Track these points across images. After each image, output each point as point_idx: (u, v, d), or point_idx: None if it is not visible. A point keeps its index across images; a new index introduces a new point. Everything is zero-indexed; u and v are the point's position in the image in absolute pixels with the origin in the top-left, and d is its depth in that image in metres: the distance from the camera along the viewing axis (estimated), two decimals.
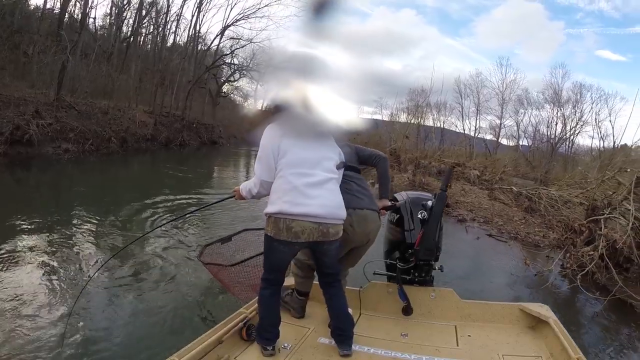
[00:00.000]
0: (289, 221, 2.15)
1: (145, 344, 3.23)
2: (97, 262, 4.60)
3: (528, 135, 33.94)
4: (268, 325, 2.25)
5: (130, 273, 4.55)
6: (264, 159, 2.29)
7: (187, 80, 26.73)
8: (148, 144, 18.99)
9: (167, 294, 4.13)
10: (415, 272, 3.01)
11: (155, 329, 3.48)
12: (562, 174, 13.65)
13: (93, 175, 12.32)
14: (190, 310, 3.84)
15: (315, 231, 2.18)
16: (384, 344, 2.40)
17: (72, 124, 14.46)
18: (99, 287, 4.03)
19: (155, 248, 5.29)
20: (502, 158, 21.63)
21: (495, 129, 35.36)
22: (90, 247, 5.22)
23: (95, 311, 3.61)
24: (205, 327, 2.58)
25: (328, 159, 2.34)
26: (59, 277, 4.24)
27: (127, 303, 3.84)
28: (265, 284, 2.33)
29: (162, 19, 27.16)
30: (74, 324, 3.34)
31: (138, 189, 9.88)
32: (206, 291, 4.32)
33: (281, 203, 2.17)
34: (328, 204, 2.22)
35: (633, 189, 5.84)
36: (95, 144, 15.00)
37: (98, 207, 7.43)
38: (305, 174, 2.21)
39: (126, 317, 3.59)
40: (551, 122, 32.11)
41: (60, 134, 13.72)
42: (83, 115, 15.54)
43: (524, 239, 8.01)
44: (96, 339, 3.20)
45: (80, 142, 14.27)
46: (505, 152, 31.07)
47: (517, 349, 2.34)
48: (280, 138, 2.26)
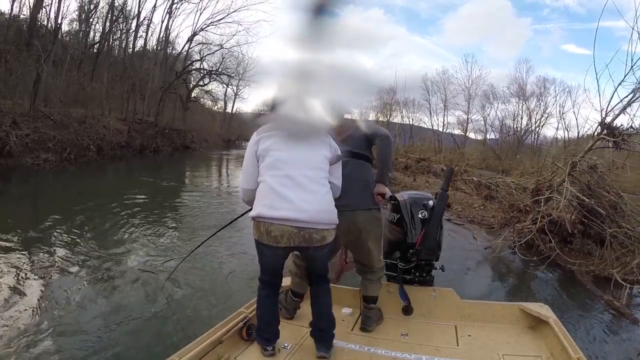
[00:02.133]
0: (268, 225, 2.06)
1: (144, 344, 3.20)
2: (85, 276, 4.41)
3: (495, 128, 35.52)
4: (265, 325, 2.19)
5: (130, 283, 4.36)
6: (245, 166, 2.26)
7: (159, 87, 26.12)
8: (123, 151, 18.77)
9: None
10: (416, 272, 2.98)
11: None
12: (528, 164, 14.98)
13: (81, 184, 11.88)
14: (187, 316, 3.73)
15: (296, 236, 2.07)
16: (384, 344, 2.38)
17: (50, 133, 14.25)
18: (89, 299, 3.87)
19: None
20: (469, 152, 22.96)
21: (462, 124, 36.92)
22: (79, 262, 4.91)
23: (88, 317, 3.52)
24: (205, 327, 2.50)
25: (316, 157, 2.21)
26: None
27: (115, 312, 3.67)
28: (261, 284, 2.26)
29: (131, 24, 26.17)
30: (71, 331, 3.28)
31: (127, 197, 9.58)
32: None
33: (260, 207, 2.09)
34: (309, 207, 2.08)
35: (569, 172, 6.70)
36: (74, 153, 14.80)
37: (97, 217, 7.27)
38: (285, 176, 2.10)
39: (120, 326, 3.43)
40: (517, 115, 33.81)
41: (38, 144, 13.50)
42: (59, 124, 15.31)
43: (480, 222, 8.86)
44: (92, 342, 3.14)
45: (59, 151, 14.09)
46: (473, 146, 32.07)
47: (517, 349, 2.32)
48: (256, 144, 2.20)
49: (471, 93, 34.62)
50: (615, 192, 6.61)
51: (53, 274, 4.52)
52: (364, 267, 2.72)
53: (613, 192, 6.56)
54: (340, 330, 2.36)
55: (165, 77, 27.78)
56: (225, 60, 31.87)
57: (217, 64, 31.94)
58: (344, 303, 2.89)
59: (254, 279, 3.55)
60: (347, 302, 2.92)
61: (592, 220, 6.45)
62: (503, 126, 33.54)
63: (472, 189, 10.76)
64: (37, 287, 4.12)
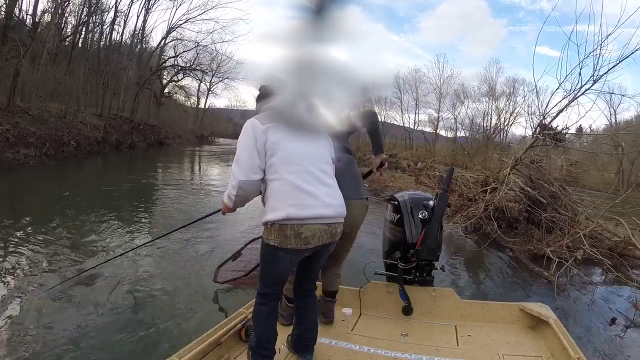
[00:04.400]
0: (297, 227, 1.85)
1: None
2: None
3: (465, 127, 37.00)
4: (265, 342, 1.98)
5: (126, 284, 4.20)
6: (244, 154, 1.94)
7: (136, 82, 25.73)
8: (100, 146, 18.49)
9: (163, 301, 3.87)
10: (416, 272, 2.92)
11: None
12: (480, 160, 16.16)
13: (64, 179, 11.81)
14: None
15: (325, 233, 1.92)
16: (384, 344, 2.35)
17: (29, 128, 13.92)
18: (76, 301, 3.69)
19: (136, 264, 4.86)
20: (439, 149, 24.21)
21: (433, 121, 38.23)
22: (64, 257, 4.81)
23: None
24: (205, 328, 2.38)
25: (325, 151, 2.10)
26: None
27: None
28: (263, 299, 2.02)
29: (106, 18, 25.58)
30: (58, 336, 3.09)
31: (108, 193, 9.57)
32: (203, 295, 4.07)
33: (287, 208, 1.86)
34: (334, 202, 1.97)
35: (512, 166, 7.76)
36: (53, 149, 14.54)
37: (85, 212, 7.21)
38: (305, 171, 1.93)
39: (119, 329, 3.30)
40: (487, 114, 34.18)
41: (19, 139, 13.19)
42: (37, 120, 14.97)
43: None
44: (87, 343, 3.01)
45: (38, 146, 13.79)
46: (444, 143, 33.37)
47: (517, 349, 2.30)
48: (265, 132, 1.93)
49: (442, 92, 36.00)
50: (559, 184, 7.51)
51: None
52: (336, 262, 2.66)
53: (556, 184, 7.46)
54: (340, 330, 2.33)
55: (140, 72, 27.07)
56: (199, 56, 31.53)
57: (191, 60, 31.52)
58: (344, 303, 2.84)
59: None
60: (347, 302, 2.88)
61: (535, 208, 7.33)
62: (473, 124, 35.09)
63: (435, 183, 11.44)
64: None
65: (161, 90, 31.82)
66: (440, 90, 34.88)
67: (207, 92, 39.54)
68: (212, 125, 44.16)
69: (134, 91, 25.55)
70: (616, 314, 4.52)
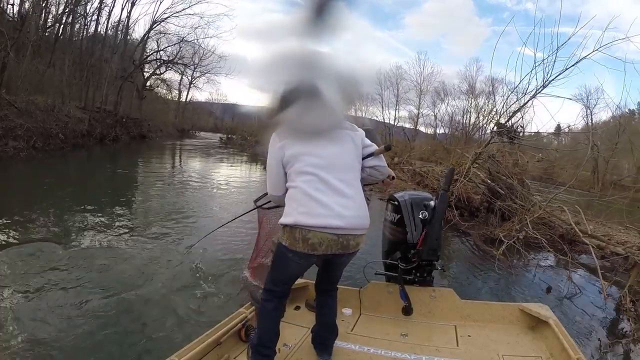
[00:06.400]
0: (305, 231, 1.85)
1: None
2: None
3: (445, 123, 38.13)
4: (267, 341, 1.94)
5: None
6: (270, 173, 2.05)
7: (120, 75, 25.25)
8: (85, 139, 18.17)
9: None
10: (416, 272, 2.86)
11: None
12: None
13: (56, 171, 11.86)
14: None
15: (335, 243, 1.88)
16: (384, 344, 2.32)
17: (17, 121, 13.63)
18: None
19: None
20: (418, 146, 25.12)
21: (413, 118, 39.34)
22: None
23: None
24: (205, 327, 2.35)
25: (347, 155, 2.02)
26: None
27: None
28: (269, 295, 1.99)
29: (90, 9, 24.74)
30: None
31: (99, 186, 9.90)
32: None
33: (297, 215, 1.88)
34: (348, 213, 1.90)
35: (473, 161, 8.70)
36: (41, 141, 14.29)
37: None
38: (319, 181, 1.91)
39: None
40: (466, 112, 35.39)
41: (7, 132, 12.95)
42: (24, 112, 14.67)
43: None
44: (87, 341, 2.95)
45: (25, 139, 13.55)
46: (423, 139, 34.48)
47: (517, 349, 2.28)
48: (281, 149, 1.97)
49: (423, 89, 37.08)
50: (518, 177, 8.36)
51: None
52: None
53: (515, 178, 8.33)
54: (340, 330, 2.25)
55: (122, 64, 26.45)
56: (182, 50, 30.96)
57: (174, 53, 30.98)
58: (344, 303, 2.78)
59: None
60: (347, 303, 2.82)
61: (493, 198, 8.18)
62: (452, 121, 36.24)
63: (409, 177, 11.92)
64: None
65: (143, 83, 30.98)
66: (420, 88, 35.83)
67: (189, 85, 38.88)
68: (193, 119, 43.73)
69: (117, 84, 24.94)
70: (553, 286, 5.28)
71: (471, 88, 33.22)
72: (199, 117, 47.15)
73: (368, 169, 2.15)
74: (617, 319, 4.59)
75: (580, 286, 5.47)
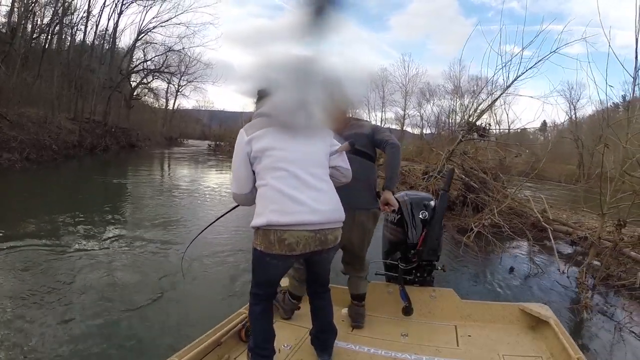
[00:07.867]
0: (281, 232, 1.74)
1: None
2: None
3: (431, 124, 38.76)
4: (262, 342, 1.89)
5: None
6: (235, 170, 1.93)
7: (108, 86, 25.19)
8: (76, 150, 18.19)
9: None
10: (417, 272, 2.81)
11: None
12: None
13: (53, 182, 11.84)
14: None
15: (312, 240, 1.79)
16: (384, 344, 2.29)
17: (10, 133, 13.57)
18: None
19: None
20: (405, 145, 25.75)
21: (400, 119, 39.98)
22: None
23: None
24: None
25: (317, 153, 1.94)
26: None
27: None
28: (255, 299, 1.92)
29: (77, 20, 24.91)
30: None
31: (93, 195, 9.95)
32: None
33: (268, 213, 1.76)
34: (323, 207, 1.82)
35: (447, 157, 9.09)
36: (34, 153, 14.25)
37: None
38: (291, 176, 1.81)
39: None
40: (451, 112, 34.52)
41: (1, 144, 13.00)
42: (15, 125, 14.65)
43: None
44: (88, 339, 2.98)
45: (19, 151, 13.48)
46: (410, 140, 35.26)
47: (517, 349, 2.27)
48: (248, 144, 1.86)
49: (408, 90, 37.72)
50: (492, 172, 8.93)
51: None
52: (356, 265, 2.57)
53: (489, 172, 8.92)
54: (340, 330, 2.21)
55: (109, 74, 26.32)
56: (168, 58, 30.96)
57: (160, 62, 30.95)
58: (344, 303, 2.71)
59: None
60: (347, 303, 2.73)
61: (467, 192, 8.63)
62: (438, 121, 36.92)
63: None
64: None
65: (131, 92, 30.69)
66: (406, 89, 36.44)
67: (175, 93, 38.59)
68: (180, 127, 43.77)
69: (106, 94, 24.68)
70: (516, 266, 5.76)
71: (456, 88, 33.65)
72: (187, 125, 46.77)
73: (330, 168, 2.01)
74: (576, 292, 5.02)
75: (542, 266, 6.00)
